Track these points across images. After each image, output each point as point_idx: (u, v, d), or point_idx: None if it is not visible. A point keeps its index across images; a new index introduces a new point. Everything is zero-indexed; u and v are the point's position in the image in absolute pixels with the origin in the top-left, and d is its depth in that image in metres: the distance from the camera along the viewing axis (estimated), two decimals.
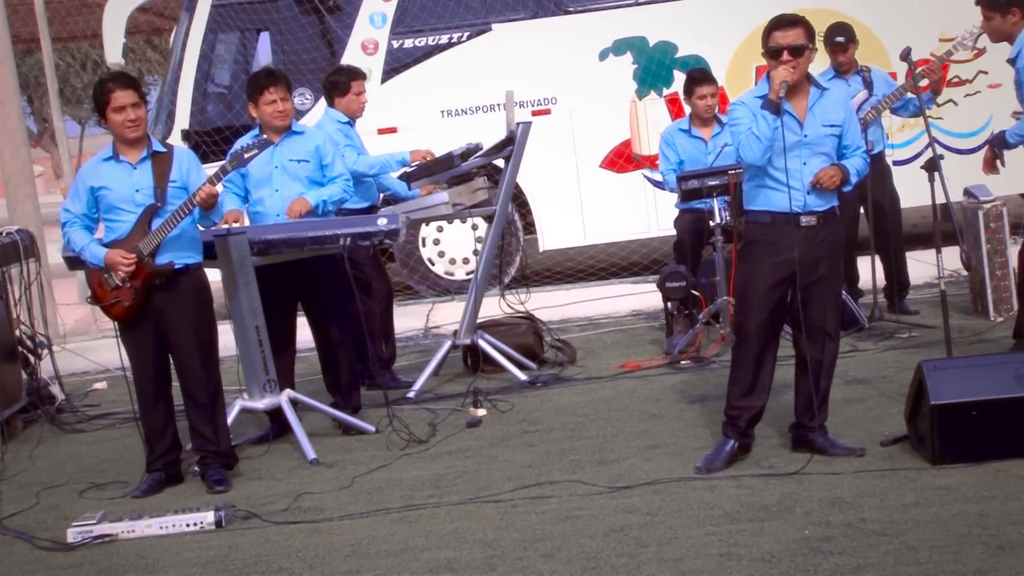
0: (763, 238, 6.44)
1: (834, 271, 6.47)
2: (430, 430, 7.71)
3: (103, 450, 8.23)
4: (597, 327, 10.62)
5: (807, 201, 6.33)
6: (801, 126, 6.36)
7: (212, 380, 7.07)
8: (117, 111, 6.78)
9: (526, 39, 12.93)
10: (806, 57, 6.28)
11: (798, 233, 6.33)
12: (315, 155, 7.96)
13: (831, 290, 6.46)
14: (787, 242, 6.32)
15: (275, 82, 7.90)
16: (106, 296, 6.92)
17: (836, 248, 6.48)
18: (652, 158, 12.91)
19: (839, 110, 6.44)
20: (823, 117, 6.39)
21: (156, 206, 6.82)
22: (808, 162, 6.36)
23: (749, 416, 6.52)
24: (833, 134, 6.40)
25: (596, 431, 7.36)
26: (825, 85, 6.52)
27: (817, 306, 6.41)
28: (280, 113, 7.89)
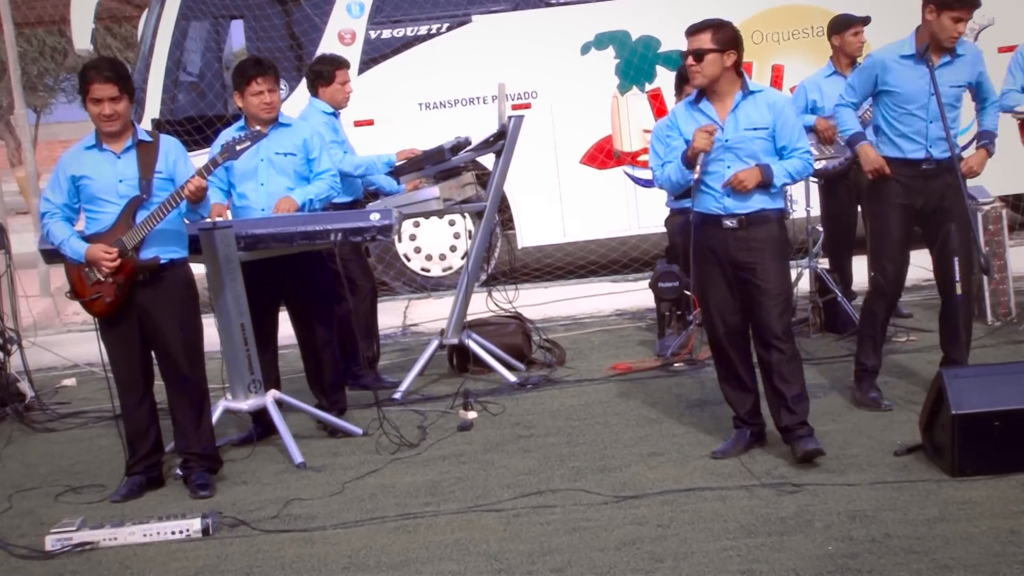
0: (698, 238, 6.55)
1: (768, 272, 6.38)
2: (420, 433, 7.45)
3: (77, 451, 7.92)
4: (582, 327, 10.37)
5: (725, 204, 6.39)
6: (722, 130, 6.36)
7: (198, 380, 6.79)
8: (94, 103, 6.48)
9: (507, 31, 12.67)
10: (711, 61, 6.30)
11: (721, 235, 6.40)
12: (302, 148, 7.67)
13: (769, 294, 6.37)
14: (715, 243, 6.45)
15: (263, 72, 7.61)
16: (87, 291, 6.62)
17: (767, 249, 6.39)
18: (634, 154, 12.75)
19: (766, 113, 6.36)
20: (746, 120, 6.36)
21: (141, 198, 6.52)
22: (732, 165, 6.38)
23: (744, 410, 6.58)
24: (759, 137, 6.35)
25: (594, 436, 7.12)
26: (757, 88, 6.46)
27: (757, 310, 6.43)
28: (267, 105, 7.60)
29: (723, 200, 6.37)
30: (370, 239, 7.21)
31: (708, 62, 6.30)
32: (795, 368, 6.40)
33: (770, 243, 6.37)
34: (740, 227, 6.35)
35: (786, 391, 6.34)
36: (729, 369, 6.57)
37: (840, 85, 8.91)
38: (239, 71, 7.68)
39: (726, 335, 6.53)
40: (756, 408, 6.61)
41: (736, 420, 6.63)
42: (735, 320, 6.52)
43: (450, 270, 12.84)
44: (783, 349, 6.36)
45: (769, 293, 6.34)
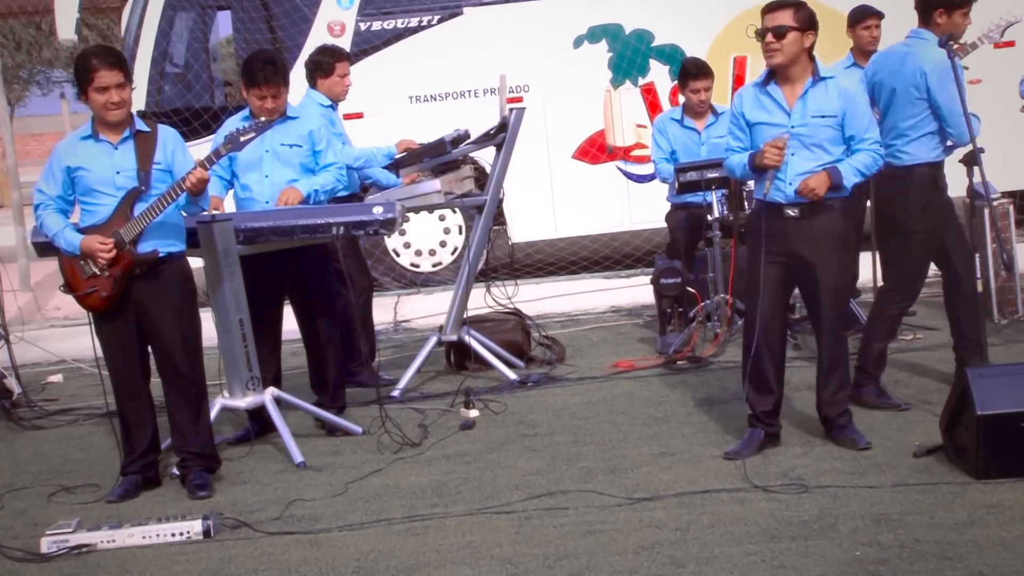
0: (756, 227, 6.39)
1: (826, 264, 6.25)
2: (422, 432, 7.28)
3: (68, 448, 7.72)
4: (579, 324, 10.22)
5: (788, 193, 6.22)
6: (789, 116, 6.19)
7: (196, 376, 6.61)
8: (100, 91, 6.28)
9: (498, 24, 12.50)
10: (792, 40, 6.10)
11: (782, 224, 6.24)
12: (308, 140, 7.48)
13: (825, 285, 6.26)
14: (775, 232, 6.26)
15: (267, 80, 7.34)
16: (81, 285, 6.42)
17: (828, 241, 6.26)
18: (627, 149, 12.60)
19: (836, 101, 6.17)
20: (815, 107, 6.18)
21: (140, 190, 6.33)
22: (796, 153, 6.21)
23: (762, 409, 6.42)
24: (827, 125, 6.17)
25: (601, 435, 6.95)
26: (828, 74, 6.26)
27: (814, 301, 6.38)
28: (269, 110, 7.39)
29: (785, 188, 6.20)
30: (372, 233, 7.03)
31: (789, 40, 6.08)
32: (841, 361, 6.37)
33: (831, 235, 6.24)
34: (802, 216, 6.19)
35: (836, 383, 6.34)
36: (757, 363, 6.35)
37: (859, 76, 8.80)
38: (246, 69, 7.43)
39: (763, 327, 6.34)
40: (776, 409, 6.46)
41: (752, 419, 6.46)
42: (777, 316, 6.38)
43: (440, 265, 12.68)
44: (833, 344, 6.33)
45: (828, 287, 6.25)
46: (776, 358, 6.42)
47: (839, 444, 6.31)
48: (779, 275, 6.31)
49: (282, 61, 7.62)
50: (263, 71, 7.37)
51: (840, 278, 6.33)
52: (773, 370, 6.40)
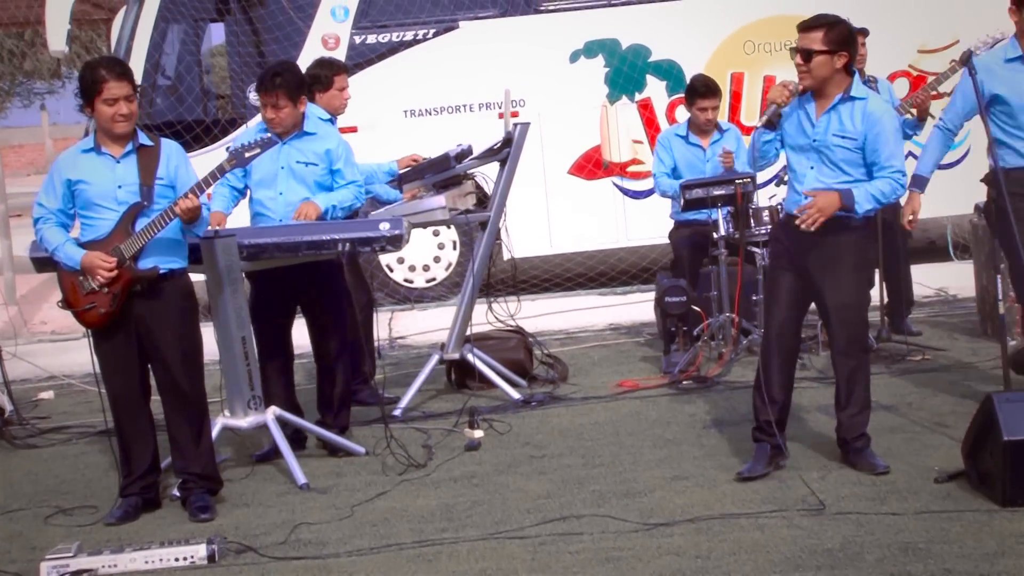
0: (776, 236, 6.35)
1: (840, 282, 6.13)
2: (426, 453, 7.13)
3: (63, 468, 7.53)
4: (578, 342, 10.08)
5: (804, 204, 6.09)
6: (814, 127, 6.11)
7: (197, 395, 6.45)
8: (108, 103, 6.13)
9: (494, 38, 12.40)
10: (820, 63, 5.99)
11: (798, 236, 6.12)
12: (325, 159, 7.33)
13: (840, 302, 6.14)
14: (791, 242, 6.19)
15: (266, 89, 7.20)
16: (80, 301, 6.25)
17: (844, 258, 6.13)
18: (623, 165, 12.49)
19: (859, 122, 6.04)
20: (837, 125, 6.07)
21: (142, 204, 6.17)
22: (815, 167, 6.13)
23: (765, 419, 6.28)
24: (844, 146, 6.07)
25: (610, 458, 6.81)
26: (860, 95, 6.11)
27: (827, 317, 6.29)
28: (268, 120, 7.25)
29: (801, 201, 6.09)
30: (379, 249, 6.90)
31: (817, 64, 5.98)
32: (860, 379, 6.22)
33: (847, 252, 6.10)
34: (818, 230, 6.02)
35: (853, 402, 6.19)
36: (766, 372, 6.26)
37: None
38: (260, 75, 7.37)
39: (777, 336, 6.26)
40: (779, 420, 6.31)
41: (755, 432, 6.34)
42: (790, 326, 6.28)
43: (434, 281, 12.55)
44: (847, 362, 6.19)
45: (841, 305, 6.13)
46: (785, 368, 6.31)
47: (856, 468, 6.16)
48: (794, 285, 6.22)
49: (291, 76, 7.34)
50: (266, 79, 7.27)
51: (849, 297, 6.17)
52: (780, 379, 6.28)
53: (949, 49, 12.46)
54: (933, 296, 10.57)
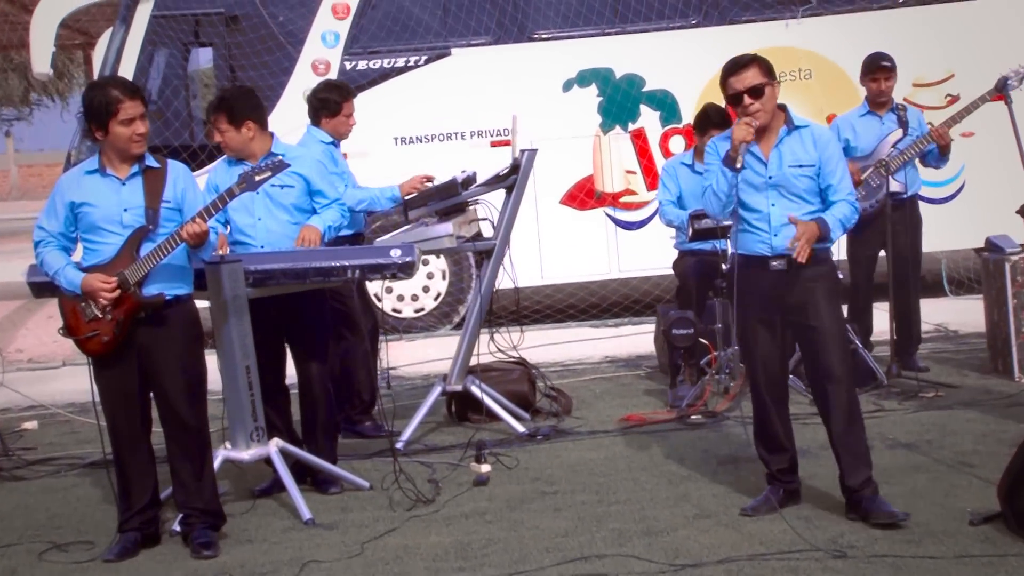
0: (740, 282, 6.06)
1: (820, 311, 5.96)
2: (434, 488, 6.90)
3: (53, 502, 7.26)
4: (576, 374, 9.88)
5: (773, 244, 5.98)
6: (766, 166, 5.97)
7: (200, 427, 6.20)
8: (125, 124, 5.90)
9: (487, 66, 12.23)
10: (769, 95, 5.90)
11: (767, 277, 5.99)
12: (301, 180, 7.12)
13: (823, 330, 5.96)
14: (760, 286, 6.02)
15: (209, 112, 7.18)
16: (82, 328, 6.01)
17: (818, 288, 5.98)
18: (616, 195, 12.34)
19: (812, 150, 5.96)
20: (791, 157, 5.97)
21: (147, 228, 5.94)
22: (777, 203, 5.99)
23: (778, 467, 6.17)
24: (805, 174, 5.96)
25: (627, 494, 6.60)
26: (802, 123, 6.03)
27: (812, 352, 6.06)
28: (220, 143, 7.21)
29: (770, 240, 5.96)
30: (390, 277, 6.68)
31: (767, 96, 5.89)
32: (854, 418, 5.96)
33: (821, 281, 5.97)
34: (789, 268, 5.92)
35: (854, 441, 5.93)
36: (766, 424, 6.15)
37: (875, 125, 8.60)
38: None
39: (767, 385, 6.12)
40: (791, 467, 6.21)
41: (769, 477, 6.22)
42: (777, 370, 6.14)
43: (423, 311, 12.34)
44: (842, 394, 5.93)
45: (824, 332, 5.94)
46: (783, 415, 6.18)
47: (871, 519, 5.79)
48: (771, 333, 6.06)
49: (235, 100, 7.17)
50: (213, 102, 7.23)
51: (833, 325, 6.01)
52: (782, 428, 6.17)
53: (944, 83, 12.42)
54: (934, 332, 10.42)
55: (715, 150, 6.09)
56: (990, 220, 11.70)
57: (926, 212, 9.50)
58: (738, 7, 12.41)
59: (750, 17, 12.40)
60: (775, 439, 6.15)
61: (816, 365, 6.04)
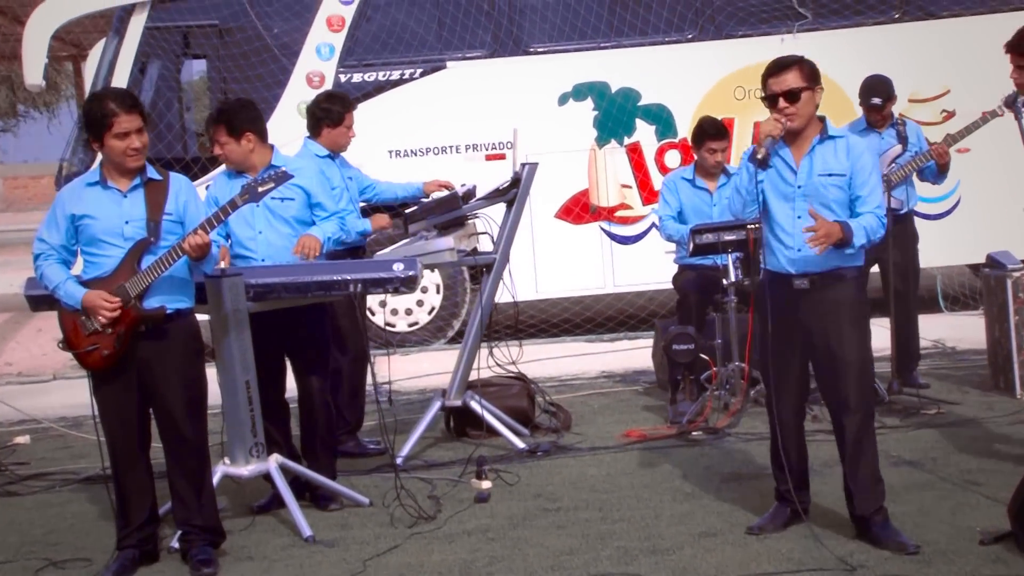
0: (762, 298, 5.97)
1: (843, 338, 5.80)
2: (434, 504, 6.82)
3: (48, 518, 7.17)
4: (573, 389, 9.81)
5: (797, 261, 5.82)
6: (795, 174, 5.79)
7: (200, 443, 6.11)
8: (120, 137, 5.84)
9: (482, 79, 12.18)
10: (806, 100, 5.76)
11: (790, 296, 5.83)
12: (301, 192, 7.05)
13: (843, 359, 5.80)
14: (782, 305, 5.87)
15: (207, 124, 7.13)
16: (82, 342, 5.92)
17: (843, 313, 5.82)
18: (611, 209, 12.28)
19: (844, 159, 5.79)
20: (821, 165, 5.80)
21: (149, 241, 5.86)
22: (803, 216, 5.77)
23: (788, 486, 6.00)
24: (835, 184, 5.79)
25: (630, 512, 6.53)
26: (838, 133, 5.90)
27: (828, 376, 5.90)
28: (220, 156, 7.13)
29: (793, 255, 5.80)
30: (392, 291, 6.61)
31: (804, 101, 5.74)
32: (868, 446, 5.85)
33: (845, 306, 5.80)
34: (812, 288, 5.79)
35: (865, 469, 5.81)
36: (782, 443, 5.97)
37: (874, 141, 8.55)
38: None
39: (784, 407, 5.97)
40: (803, 485, 6.10)
41: (778, 493, 6.11)
42: (795, 392, 6.00)
43: (416, 326, 12.27)
44: (858, 426, 5.80)
45: (845, 362, 5.77)
46: (799, 436, 6.08)
47: (881, 547, 5.70)
48: (793, 354, 5.92)
49: (234, 112, 7.11)
50: (212, 115, 7.16)
51: (852, 352, 5.84)
52: (797, 448, 6.05)
53: (940, 99, 12.41)
54: (931, 348, 10.38)
55: (745, 157, 5.96)
56: (986, 236, 11.72)
57: (921, 228, 9.45)
58: (734, 22, 12.39)
59: (746, 32, 12.38)
60: (789, 459, 5.99)
61: (834, 394, 5.88)
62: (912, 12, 12.49)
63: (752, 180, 5.81)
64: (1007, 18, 12.19)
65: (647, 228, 12.28)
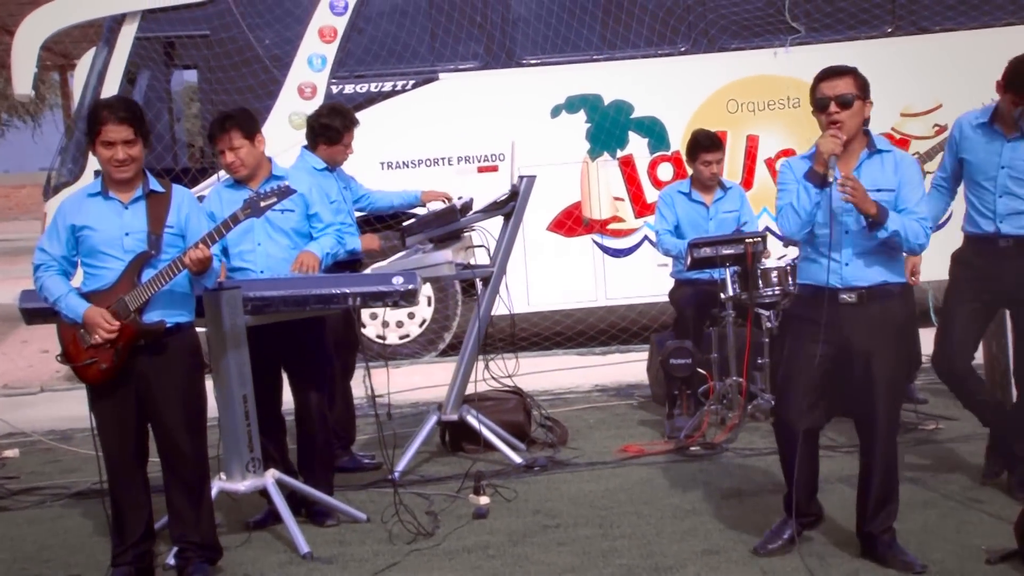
0: (801, 314, 5.82)
1: (885, 355, 5.68)
2: (432, 520, 6.75)
3: (40, 533, 7.07)
4: (568, 403, 9.74)
5: (844, 275, 5.68)
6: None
7: (199, 459, 6.04)
8: (105, 146, 5.78)
9: (475, 91, 12.11)
10: (856, 110, 5.66)
11: (834, 312, 5.66)
12: (301, 203, 6.99)
13: (880, 376, 5.67)
14: (827, 320, 5.64)
15: (222, 131, 6.87)
16: (80, 355, 5.84)
17: (887, 330, 5.70)
18: (603, 222, 12.24)
19: (892, 175, 5.70)
20: (871, 180, 5.68)
21: (149, 254, 5.79)
22: (851, 231, 5.66)
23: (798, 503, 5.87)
24: (883, 199, 5.65)
25: (631, 528, 6.47)
26: (885, 147, 5.82)
27: (864, 400, 5.74)
28: (229, 165, 6.92)
29: (840, 270, 5.66)
30: (392, 305, 6.55)
31: (855, 110, 5.64)
32: (892, 468, 5.79)
33: (892, 323, 5.69)
34: (860, 302, 5.66)
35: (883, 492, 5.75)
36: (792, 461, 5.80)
37: None
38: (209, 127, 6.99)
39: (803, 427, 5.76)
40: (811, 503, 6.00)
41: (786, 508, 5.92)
42: (818, 413, 5.82)
43: (407, 338, 12.20)
44: (883, 448, 5.73)
45: (884, 384, 5.65)
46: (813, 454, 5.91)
47: (887, 566, 5.65)
48: (824, 371, 5.73)
49: (244, 114, 7.06)
50: (218, 123, 6.95)
51: (898, 371, 5.80)
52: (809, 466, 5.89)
53: (932, 113, 12.40)
54: (925, 362, 10.32)
55: (789, 168, 5.82)
56: None
57: None
58: (727, 35, 12.35)
59: (739, 45, 12.35)
60: (800, 476, 5.82)
61: (863, 409, 5.75)
62: (904, 27, 12.49)
63: (813, 203, 5.61)
64: (999, 33, 12.22)
65: (639, 241, 12.24)
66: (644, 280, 12.00)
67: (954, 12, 12.42)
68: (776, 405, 6.03)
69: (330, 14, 12.01)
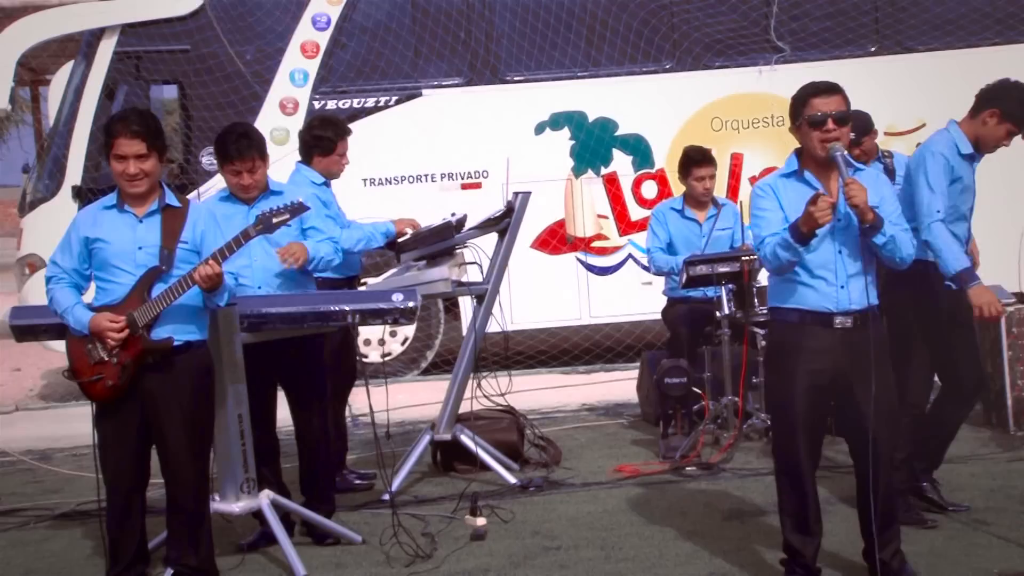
0: (790, 340, 5.55)
1: (881, 377, 5.47)
2: (429, 542, 6.62)
3: (25, 557, 6.89)
4: (556, 423, 9.62)
5: (840, 298, 5.47)
6: (834, 208, 5.39)
7: (201, 483, 5.86)
8: (117, 160, 5.66)
9: (458, 107, 12.03)
10: (848, 128, 5.53)
11: (828, 337, 5.47)
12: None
13: (883, 411, 5.46)
14: (819, 346, 5.47)
15: (241, 153, 6.69)
16: (87, 371, 5.69)
17: (882, 351, 5.53)
18: (587, 240, 12.15)
19: (872, 189, 5.46)
20: None
21: (160, 269, 5.65)
22: (844, 250, 5.48)
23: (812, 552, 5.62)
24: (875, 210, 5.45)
25: (634, 551, 6.36)
26: (859, 165, 5.68)
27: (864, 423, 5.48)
28: (245, 187, 6.76)
29: (835, 293, 5.46)
30: (391, 322, 6.43)
31: (847, 131, 5.51)
32: (894, 491, 5.66)
33: (880, 340, 5.51)
34: (855, 326, 5.47)
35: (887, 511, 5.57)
36: (799, 503, 5.58)
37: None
38: (219, 144, 6.77)
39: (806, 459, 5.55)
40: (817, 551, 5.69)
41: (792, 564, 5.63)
42: (818, 442, 5.68)
43: (389, 356, 12.06)
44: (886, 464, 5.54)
45: (882, 408, 5.44)
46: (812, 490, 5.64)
47: None
48: (820, 399, 5.55)
49: (258, 134, 6.91)
50: (236, 144, 6.73)
51: (893, 392, 5.64)
52: (815, 508, 5.64)
53: (916, 132, 12.36)
54: None
55: (772, 192, 5.57)
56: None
57: None
58: (711, 53, 12.31)
59: (723, 63, 12.31)
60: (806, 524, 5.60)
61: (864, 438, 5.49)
62: (888, 46, 12.49)
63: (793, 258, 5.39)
64: (981, 53, 12.23)
65: (624, 259, 12.17)
66: (629, 298, 11.92)
67: (938, 32, 12.43)
68: (782, 450, 5.69)
69: (312, 29, 11.91)
